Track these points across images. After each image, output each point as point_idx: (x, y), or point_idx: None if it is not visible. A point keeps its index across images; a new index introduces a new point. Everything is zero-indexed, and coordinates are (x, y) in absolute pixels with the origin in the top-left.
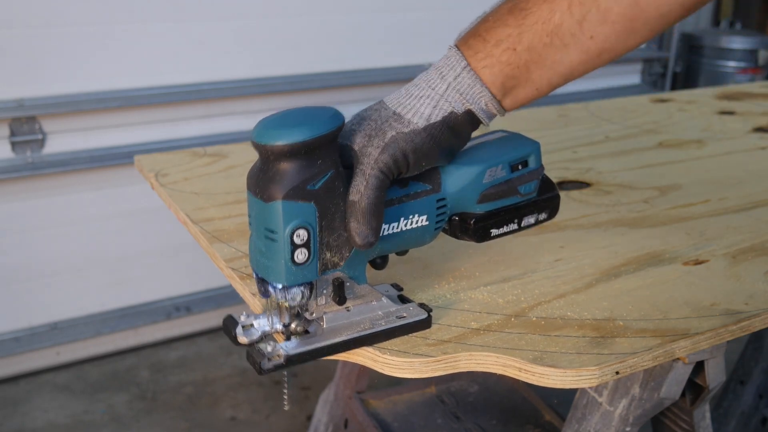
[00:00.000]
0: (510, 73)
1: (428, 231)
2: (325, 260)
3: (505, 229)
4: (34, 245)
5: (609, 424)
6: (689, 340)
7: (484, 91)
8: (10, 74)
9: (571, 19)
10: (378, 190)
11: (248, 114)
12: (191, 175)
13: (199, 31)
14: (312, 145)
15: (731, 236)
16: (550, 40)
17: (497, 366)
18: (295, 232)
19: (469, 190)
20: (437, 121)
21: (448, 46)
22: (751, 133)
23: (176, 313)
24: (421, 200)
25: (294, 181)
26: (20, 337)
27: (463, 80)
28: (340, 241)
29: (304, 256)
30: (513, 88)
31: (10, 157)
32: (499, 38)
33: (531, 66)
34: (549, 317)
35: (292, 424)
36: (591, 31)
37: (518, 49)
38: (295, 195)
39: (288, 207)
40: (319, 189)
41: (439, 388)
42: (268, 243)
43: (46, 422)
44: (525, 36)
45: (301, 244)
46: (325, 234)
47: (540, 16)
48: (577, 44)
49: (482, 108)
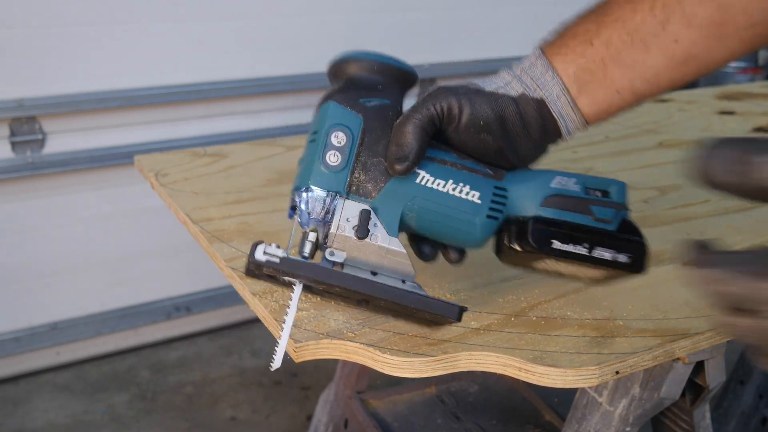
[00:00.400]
0: (584, 65)
1: (479, 212)
2: (357, 180)
3: (571, 248)
4: (34, 245)
5: (609, 424)
6: (689, 340)
7: (555, 79)
8: (10, 74)
9: (653, 20)
10: (424, 117)
11: (248, 114)
12: (191, 175)
13: (199, 31)
14: (376, 67)
15: (731, 236)
16: (630, 38)
17: (497, 366)
18: (334, 131)
19: (533, 189)
20: (505, 93)
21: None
22: (751, 133)
23: (176, 313)
24: (478, 177)
25: (349, 90)
26: (20, 337)
27: (536, 68)
28: (378, 168)
29: (336, 159)
30: (588, 84)
31: (10, 157)
32: (576, 32)
33: (608, 63)
34: (549, 317)
35: (292, 424)
36: (675, 33)
37: (595, 43)
38: (346, 101)
39: (335, 108)
40: (371, 107)
41: (439, 388)
42: (309, 146)
43: (46, 422)
44: (603, 31)
45: (337, 146)
46: (364, 152)
47: (621, 15)
48: (660, 46)
49: (554, 98)
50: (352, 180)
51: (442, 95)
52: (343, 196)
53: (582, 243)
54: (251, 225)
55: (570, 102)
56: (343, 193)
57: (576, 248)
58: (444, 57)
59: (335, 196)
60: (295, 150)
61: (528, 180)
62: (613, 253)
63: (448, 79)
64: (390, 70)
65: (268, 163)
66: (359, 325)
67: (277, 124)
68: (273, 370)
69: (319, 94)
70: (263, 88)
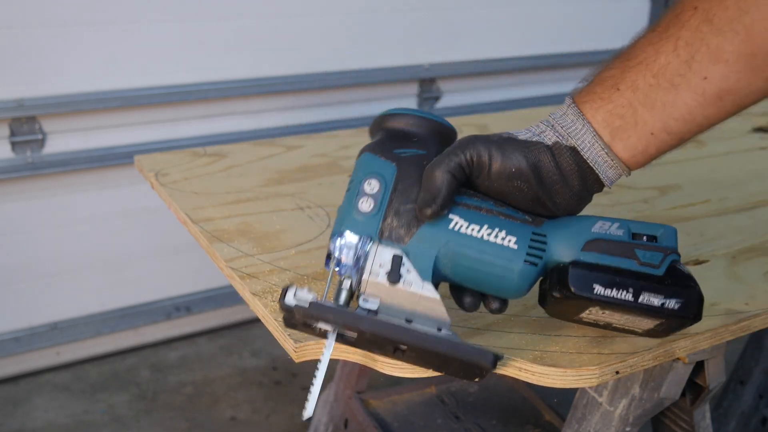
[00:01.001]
0: (612, 110)
1: (516, 258)
2: (389, 226)
3: (614, 293)
4: (34, 245)
5: (609, 424)
6: (689, 340)
7: (586, 127)
8: (10, 74)
9: (677, 60)
10: (452, 163)
11: (248, 114)
12: (191, 175)
13: (199, 31)
14: (413, 123)
15: (731, 236)
16: (656, 81)
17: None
18: (367, 179)
19: (573, 235)
20: (539, 141)
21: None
22: (751, 133)
23: (176, 313)
24: (514, 223)
25: (385, 142)
26: (20, 337)
27: (567, 117)
28: (410, 215)
29: (369, 205)
30: (620, 129)
31: (10, 157)
32: (602, 78)
33: (637, 106)
34: (549, 317)
35: (292, 424)
36: (703, 71)
37: (621, 88)
38: (380, 151)
39: (369, 158)
40: (406, 157)
41: (439, 388)
42: (345, 196)
43: (46, 422)
44: (628, 75)
45: (369, 193)
46: (396, 198)
47: (644, 58)
48: (688, 85)
49: (587, 146)
50: (384, 226)
51: (472, 144)
52: (375, 242)
53: (626, 288)
54: (251, 225)
55: (604, 148)
56: (375, 238)
57: (620, 293)
58: (444, 57)
59: (367, 241)
60: (295, 150)
61: (568, 226)
62: (662, 299)
63: (449, 80)
64: (428, 125)
65: (268, 163)
66: None
67: (277, 124)
68: (305, 419)
69: (319, 94)
70: (263, 88)
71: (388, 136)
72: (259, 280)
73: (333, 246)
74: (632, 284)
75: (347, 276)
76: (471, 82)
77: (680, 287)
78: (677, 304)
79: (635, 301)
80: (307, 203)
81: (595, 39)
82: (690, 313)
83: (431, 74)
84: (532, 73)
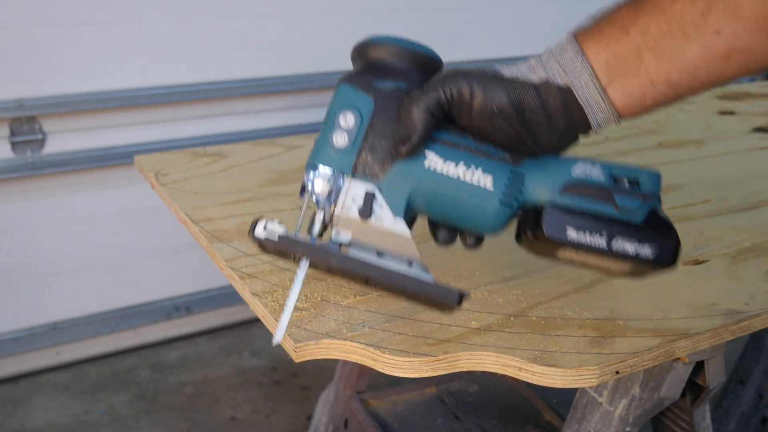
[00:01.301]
0: (618, 52)
1: (491, 200)
2: (363, 161)
3: (587, 239)
4: (34, 245)
5: (609, 424)
6: (689, 340)
7: (585, 65)
8: (10, 74)
9: (694, 9)
10: (430, 99)
11: (248, 114)
12: (191, 175)
13: (199, 31)
14: (396, 52)
15: (731, 236)
16: (668, 27)
17: (497, 365)
18: (343, 112)
19: (552, 176)
20: (526, 79)
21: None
22: (751, 133)
23: (176, 313)
24: (492, 161)
25: (364, 73)
26: (20, 337)
27: (566, 53)
28: (385, 150)
29: (343, 140)
30: (621, 73)
31: (10, 157)
32: (612, 19)
33: (644, 51)
34: (549, 317)
35: (292, 424)
36: (717, 25)
37: (631, 31)
38: (358, 83)
39: (346, 90)
40: (384, 90)
41: (439, 388)
42: (321, 127)
43: (46, 422)
44: (641, 18)
45: (344, 128)
46: (372, 133)
47: (660, 2)
48: (700, 37)
49: (582, 86)
50: (358, 161)
51: (453, 79)
52: (348, 176)
53: (600, 233)
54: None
55: (599, 90)
56: (349, 173)
57: (593, 239)
58: (444, 57)
59: (340, 176)
60: (295, 150)
61: (548, 166)
62: (636, 246)
63: None
64: (411, 55)
65: (268, 163)
66: (359, 325)
67: (277, 124)
68: (274, 345)
69: (319, 94)
70: (263, 88)
71: (369, 66)
72: (259, 280)
73: (307, 178)
74: (606, 230)
75: (321, 208)
76: None
77: (656, 234)
78: (651, 252)
79: (608, 247)
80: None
81: None
82: (664, 260)
83: None
84: None
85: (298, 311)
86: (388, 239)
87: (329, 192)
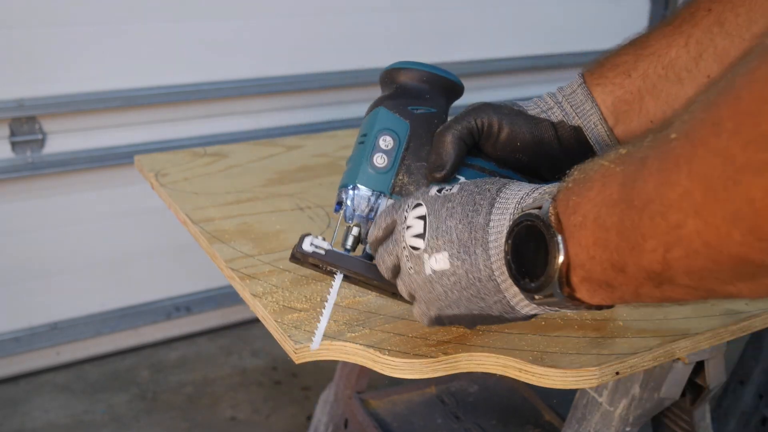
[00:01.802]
0: (622, 96)
1: None
2: (401, 182)
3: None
4: (34, 245)
5: (609, 424)
6: (689, 340)
7: (594, 109)
8: (10, 74)
9: (687, 55)
10: (463, 129)
11: (248, 114)
12: (191, 175)
13: (199, 31)
14: (425, 77)
15: None
16: (665, 72)
17: (497, 366)
18: (382, 135)
19: None
20: (546, 118)
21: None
22: None
23: (176, 313)
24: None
25: (398, 98)
26: (20, 337)
27: (577, 96)
28: (420, 172)
29: (383, 161)
30: (625, 114)
31: (10, 157)
32: (615, 63)
33: (644, 95)
34: (549, 317)
35: (292, 424)
36: (708, 69)
37: (633, 75)
38: (395, 108)
39: (385, 114)
40: (419, 115)
41: (439, 388)
42: (357, 148)
43: (46, 422)
44: (641, 64)
45: (384, 149)
46: (409, 156)
47: (657, 49)
48: (693, 81)
49: (591, 126)
50: (396, 181)
51: (484, 111)
52: (386, 196)
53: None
54: (251, 225)
55: (607, 131)
56: (387, 193)
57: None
58: (444, 57)
59: (380, 196)
60: (295, 150)
61: None
62: None
63: None
64: (438, 81)
65: (268, 163)
66: (359, 327)
67: (277, 124)
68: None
69: (319, 94)
70: (263, 88)
71: (401, 91)
72: (259, 280)
73: (345, 196)
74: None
75: (356, 224)
76: (471, 82)
77: None
78: None
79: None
80: (307, 203)
81: (595, 39)
82: None
83: None
84: (531, 73)
85: (298, 312)
86: None
87: (369, 210)
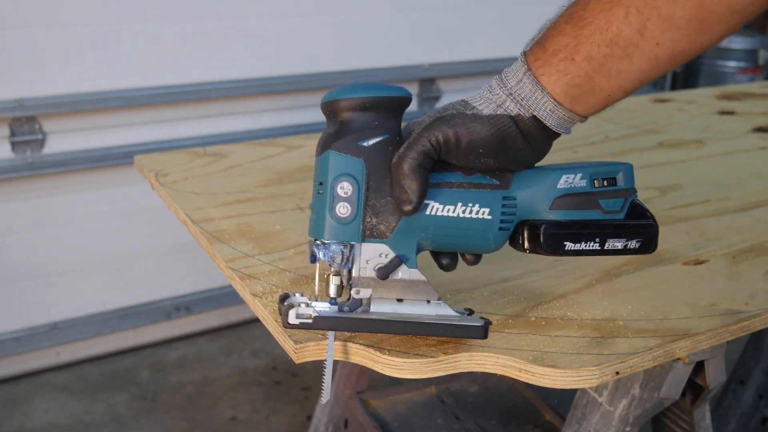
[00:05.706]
0: (570, 82)
1: (491, 228)
2: (370, 224)
3: (583, 246)
4: (34, 245)
5: (609, 424)
6: (689, 340)
7: (546, 97)
8: (10, 74)
9: (629, 28)
10: (420, 155)
11: (248, 114)
12: (191, 175)
13: (199, 31)
14: (368, 104)
15: (731, 236)
16: (610, 50)
17: (497, 366)
18: (339, 183)
19: (541, 193)
20: (503, 114)
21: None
22: (751, 133)
23: (176, 313)
24: (485, 192)
25: (345, 135)
26: (20, 337)
27: (525, 86)
28: (387, 208)
29: (346, 210)
30: (579, 96)
31: (10, 157)
32: (556, 48)
33: (594, 75)
34: (549, 317)
35: (292, 424)
36: (655, 37)
37: (576, 59)
38: (344, 147)
39: (336, 158)
40: (371, 148)
41: (439, 388)
42: (317, 198)
43: (46, 422)
44: (582, 47)
45: (344, 197)
46: (371, 195)
47: (597, 26)
48: (641, 53)
49: (548, 114)
50: (365, 226)
51: (436, 127)
52: (359, 243)
53: (593, 239)
54: (251, 225)
55: (565, 113)
56: (358, 241)
57: (588, 245)
58: (444, 57)
59: (352, 246)
60: (295, 150)
61: (535, 183)
62: (624, 242)
63: (448, 80)
64: (382, 103)
65: (268, 163)
66: None
67: (277, 124)
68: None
69: (319, 94)
70: (263, 88)
71: (346, 126)
72: (259, 280)
73: (317, 251)
74: (598, 235)
75: (335, 272)
76: (471, 82)
77: (639, 227)
78: (637, 243)
79: (602, 248)
80: (307, 203)
81: None
82: (649, 248)
83: (431, 74)
84: None
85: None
86: (406, 286)
87: (343, 260)
